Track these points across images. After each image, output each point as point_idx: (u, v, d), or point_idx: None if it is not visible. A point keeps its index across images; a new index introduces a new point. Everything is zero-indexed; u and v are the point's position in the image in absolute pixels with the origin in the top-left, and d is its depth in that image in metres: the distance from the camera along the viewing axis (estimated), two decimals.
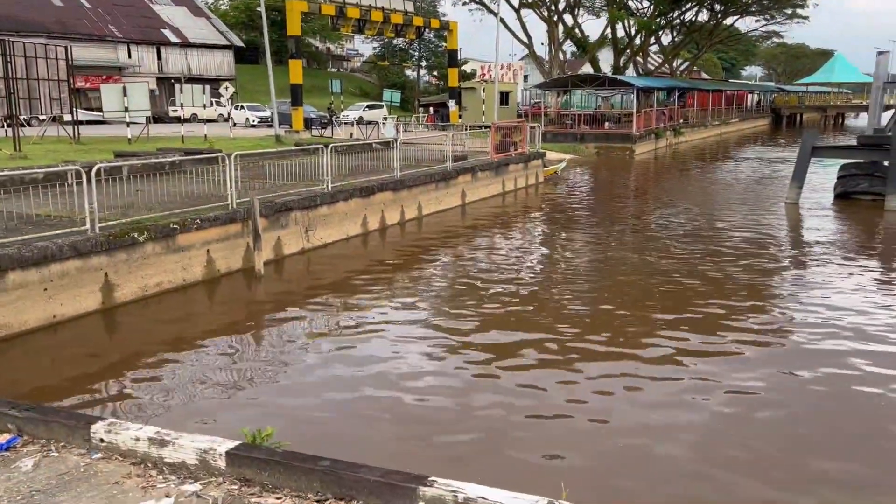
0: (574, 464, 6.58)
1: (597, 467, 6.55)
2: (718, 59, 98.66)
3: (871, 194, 21.00)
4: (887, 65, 42.05)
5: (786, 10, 59.55)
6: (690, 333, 9.99)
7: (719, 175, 31.32)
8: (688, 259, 14.57)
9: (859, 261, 14.46)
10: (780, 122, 73.50)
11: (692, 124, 51.35)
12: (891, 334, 9.90)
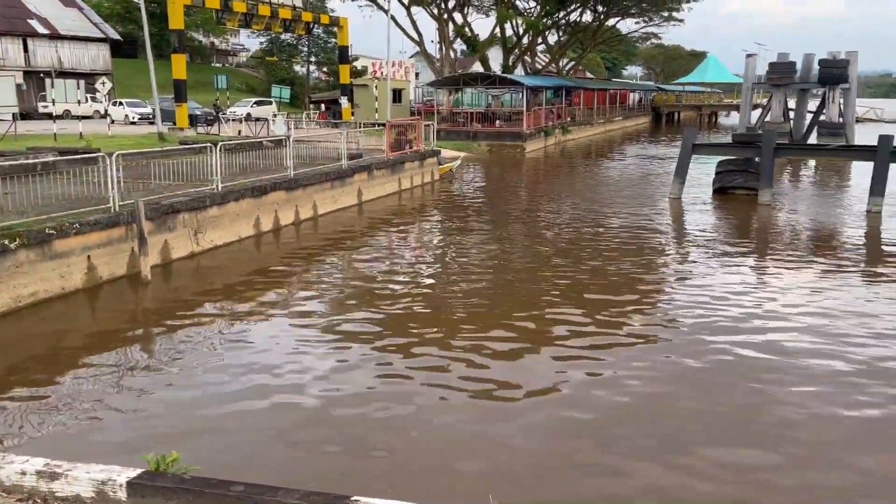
0: (497, 469, 6.56)
1: (521, 472, 6.55)
2: (601, 59, 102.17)
3: (745, 189, 22.25)
4: (755, 66, 44.87)
5: (662, 13, 62.24)
6: (581, 326, 10.27)
7: (606, 171, 32.41)
8: (579, 253, 14.96)
9: (737, 250, 15.29)
10: (660, 120, 76.94)
11: (579, 122, 52.91)
12: (764, 318, 10.50)
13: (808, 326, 10.29)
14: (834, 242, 16.62)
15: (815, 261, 14.39)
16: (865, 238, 17.25)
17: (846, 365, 8.82)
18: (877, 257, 15.43)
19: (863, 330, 10.12)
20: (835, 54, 39.91)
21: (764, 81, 42.67)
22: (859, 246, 16.41)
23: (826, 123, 39.16)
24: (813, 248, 15.90)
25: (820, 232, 17.84)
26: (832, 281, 12.84)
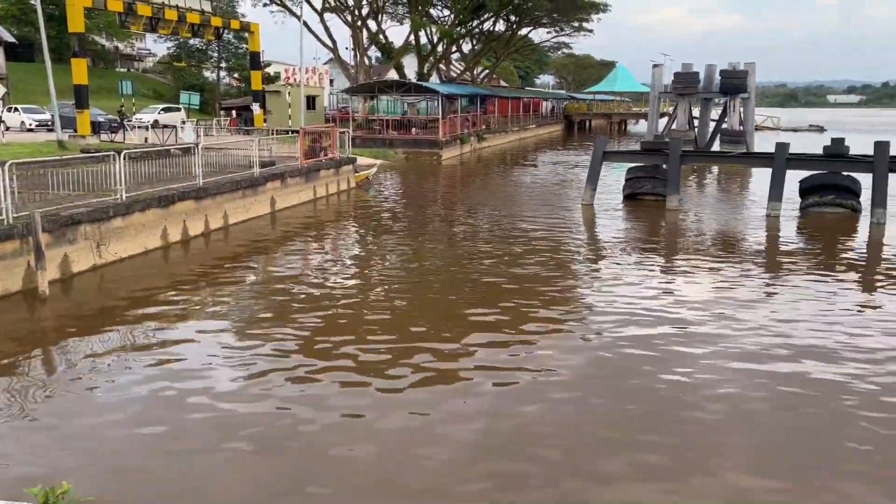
0: (414, 480, 6.47)
1: (444, 482, 6.47)
2: (515, 68, 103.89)
3: (654, 195, 22.96)
4: (662, 76, 46.52)
5: (573, 23, 63.81)
6: (499, 330, 10.32)
7: (521, 178, 32.86)
8: (495, 258, 15.06)
9: (647, 253, 15.74)
10: (573, 127, 78.77)
11: (494, 130, 53.55)
12: (672, 315, 10.82)
13: (714, 321, 10.68)
14: (737, 244, 17.32)
15: (720, 262, 14.95)
16: (765, 240, 18.07)
17: (745, 354, 9.17)
18: (775, 258, 16.15)
19: (765, 321, 10.56)
20: (734, 65, 41.85)
21: (670, 91, 44.31)
22: (760, 247, 17.18)
23: (728, 131, 40.99)
24: (718, 249, 16.53)
25: (724, 235, 18.56)
26: (736, 280, 13.36)
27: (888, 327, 10.68)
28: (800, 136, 60.79)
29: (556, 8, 56.65)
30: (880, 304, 12.23)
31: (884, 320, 11.09)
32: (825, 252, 16.43)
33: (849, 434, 7.33)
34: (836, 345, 9.88)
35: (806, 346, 9.82)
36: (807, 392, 8.37)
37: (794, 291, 12.76)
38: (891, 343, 9.95)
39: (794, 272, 14.28)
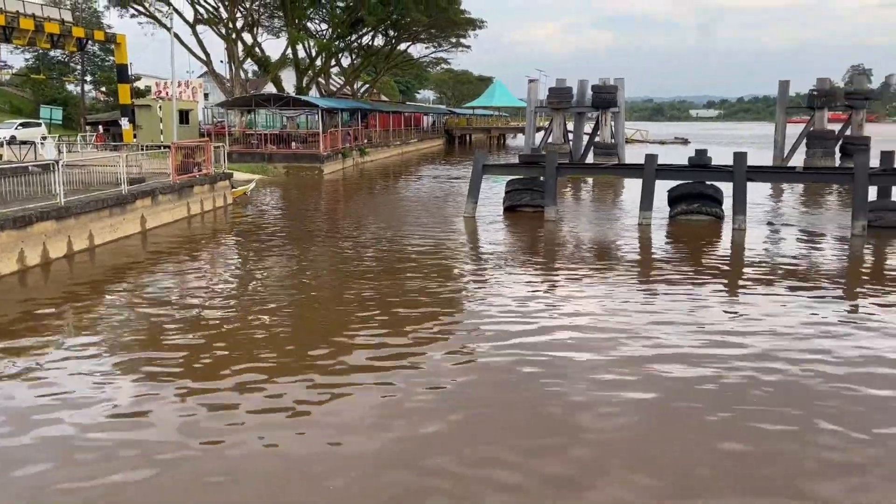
0: None
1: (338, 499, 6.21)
2: (395, 83, 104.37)
3: (532, 206, 23.52)
4: (537, 91, 47.93)
5: (451, 39, 64.83)
6: (384, 342, 10.16)
7: (404, 192, 32.89)
8: (379, 271, 14.91)
9: (527, 263, 16.04)
10: (454, 142, 79.90)
11: (376, 144, 53.47)
12: (553, 322, 11.03)
13: (593, 326, 10.98)
14: (612, 252, 17.96)
15: (597, 269, 15.44)
16: (638, 247, 18.84)
17: (622, 358, 9.45)
18: (648, 263, 16.86)
19: (640, 325, 10.93)
20: (605, 81, 43.67)
21: (545, 105, 45.71)
22: (634, 254, 17.89)
23: (601, 144, 42.69)
24: (594, 257, 17.07)
25: (599, 243, 19.21)
26: (612, 286, 13.81)
27: (753, 326, 11.30)
28: (666, 147, 64.20)
29: (433, 24, 57.38)
30: (745, 303, 12.96)
31: (748, 319, 11.74)
32: (693, 257, 17.30)
33: (725, 434, 7.65)
34: (707, 344, 10.35)
35: (678, 347, 10.23)
36: (683, 391, 8.70)
37: (666, 295, 13.32)
38: (756, 341, 10.53)
39: (666, 277, 14.93)
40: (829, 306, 12.60)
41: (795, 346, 10.31)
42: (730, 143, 70.43)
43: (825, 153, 41.52)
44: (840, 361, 9.71)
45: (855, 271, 16.29)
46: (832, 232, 20.62)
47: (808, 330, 11.14)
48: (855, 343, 10.50)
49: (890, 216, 20.47)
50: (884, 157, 21.81)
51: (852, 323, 11.64)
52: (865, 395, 8.61)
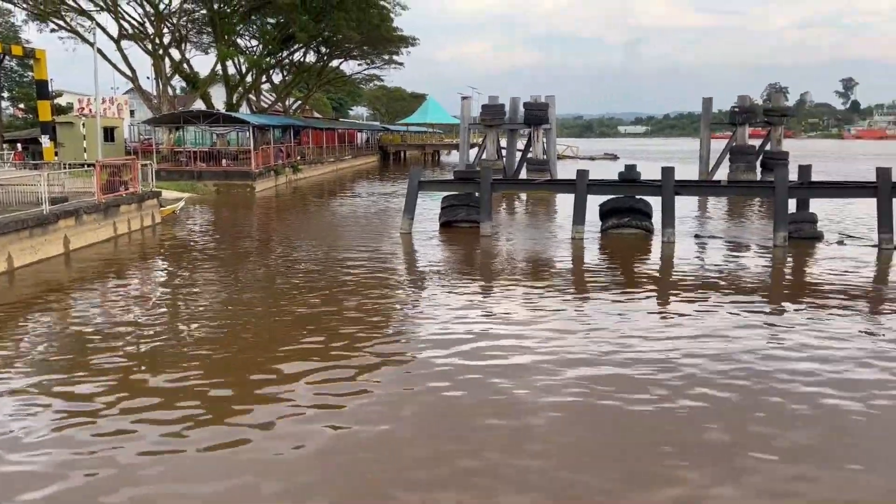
0: None
1: None
2: (328, 99, 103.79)
3: (468, 222, 23.65)
4: (470, 108, 48.38)
5: (384, 56, 64.91)
6: (321, 362, 10.00)
7: (339, 209, 32.63)
8: (314, 290, 14.71)
9: (464, 278, 16.08)
10: (388, 158, 79.88)
11: (309, 161, 52.99)
12: (491, 335, 11.08)
13: (530, 338, 11.05)
14: (547, 266, 18.19)
15: (533, 282, 15.60)
16: (572, 260, 19.14)
17: (564, 364, 9.55)
18: (582, 276, 17.13)
19: (575, 335, 11.07)
20: (536, 98, 44.41)
21: (478, 122, 46.15)
22: (568, 267, 18.16)
23: (533, 160, 43.31)
24: (530, 271, 17.25)
25: (535, 257, 19.42)
26: (548, 298, 13.95)
27: (681, 332, 11.59)
28: (597, 163, 65.64)
29: (365, 41, 57.35)
30: (674, 312, 13.28)
31: (677, 325, 12.04)
32: (625, 269, 17.66)
33: (657, 440, 7.79)
34: (640, 352, 10.55)
35: (612, 354, 10.40)
36: (614, 395, 8.82)
37: (599, 306, 13.55)
38: (684, 345, 10.78)
39: (599, 288, 15.19)
40: (755, 313, 13.02)
41: (722, 351, 10.60)
42: (657, 158, 72.49)
43: (747, 167, 43.12)
44: (763, 365, 10.03)
45: (778, 280, 16.91)
46: (756, 243, 21.37)
47: (736, 336, 11.46)
48: (778, 346, 10.87)
49: (808, 227, 21.36)
50: (801, 172, 22.78)
51: (775, 328, 12.05)
52: (790, 393, 8.89)
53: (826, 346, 10.96)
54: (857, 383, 9.42)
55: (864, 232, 22.33)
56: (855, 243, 20.76)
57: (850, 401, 8.84)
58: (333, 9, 49.92)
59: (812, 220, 21.69)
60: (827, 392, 9.12)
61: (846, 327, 12.12)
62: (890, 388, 9.28)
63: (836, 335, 11.59)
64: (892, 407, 8.73)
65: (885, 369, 9.94)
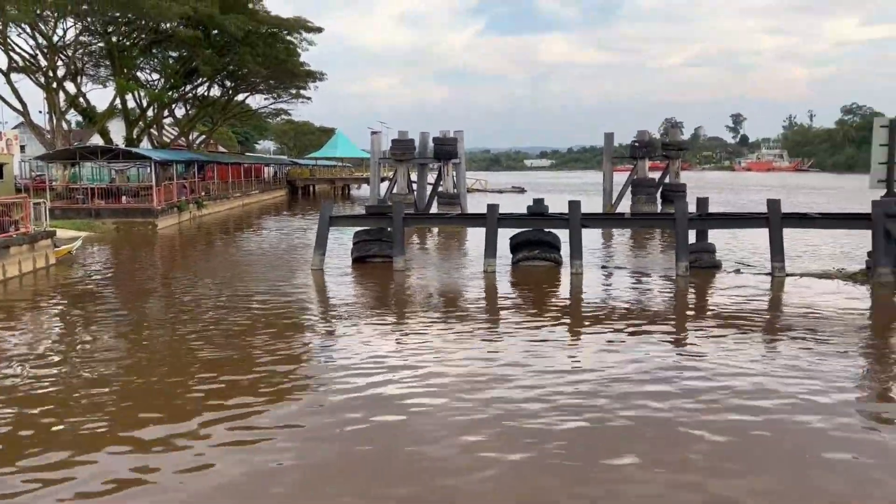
0: None
1: None
2: (234, 133, 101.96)
3: (381, 257, 23.50)
4: (380, 142, 48.49)
5: (291, 91, 64.44)
6: (230, 405, 9.61)
7: (247, 245, 31.86)
8: (221, 330, 14.20)
9: (378, 313, 15.89)
10: (297, 192, 78.83)
11: (215, 197, 51.68)
12: (405, 370, 10.94)
13: (444, 370, 10.98)
14: (460, 299, 18.22)
15: (446, 316, 15.58)
16: (484, 293, 19.25)
17: (481, 402, 9.51)
18: (495, 308, 17.24)
19: (490, 367, 11.08)
20: (445, 133, 44.92)
21: (389, 156, 46.27)
22: (480, 300, 18.24)
23: (444, 194, 43.67)
24: (443, 305, 17.23)
25: (447, 291, 19.45)
26: (462, 332, 13.94)
27: (592, 360, 11.78)
28: (505, 196, 66.81)
29: (272, 75, 56.84)
30: (583, 341, 13.53)
31: (586, 355, 12.24)
32: (536, 300, 17.91)
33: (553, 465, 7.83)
34: (553, 381, 10.64)
35: (528, 386, 10.45)
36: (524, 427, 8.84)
37: (512, 337, 13.65)
38: (595, 372, 10.95)
39: (512, 320, 15.32)
40: (660, 341, 13.41)
41: (629, 378, 10.83)
42: (563, 190, 74.53)
43: (648, 199, 44.79)
44: (668, 391, 10.29)
45: (681, 308, 17.52)
46: (659, 273, 22.12)
47: (644, 361, 11.75)
48: (684, 369, 11.20)
49: (707, 257, 22.30)
50: (699, 203, 23.82)
51: (681, 352, 12.44)
52: (690, 422, 9.14)
53: (729, 368, 11.36)
54: (754, 403, 9.78)
55: (759, 260, 23.48)
56: (750, 271, 21.79)
57: (749, 414, 9.19)
58: (239, 43, 49.34)
59: (711, 249, 22.67)
60: (730, 407, 9.43)
61: (745, 350, 12.67)
62: (781, 402, 9.67)
63: (737, 358, 12.07)
64: (787, 420, 9.10)
65: (778, 391, 10.37)
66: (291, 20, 54.36)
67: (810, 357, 12.27)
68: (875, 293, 18.36)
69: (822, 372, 11.38)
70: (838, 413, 9.63)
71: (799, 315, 15.90)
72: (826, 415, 9.54)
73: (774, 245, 20.75)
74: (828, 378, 11.09)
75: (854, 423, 9.36)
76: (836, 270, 21.20)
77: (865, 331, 14.84)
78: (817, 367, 11.67)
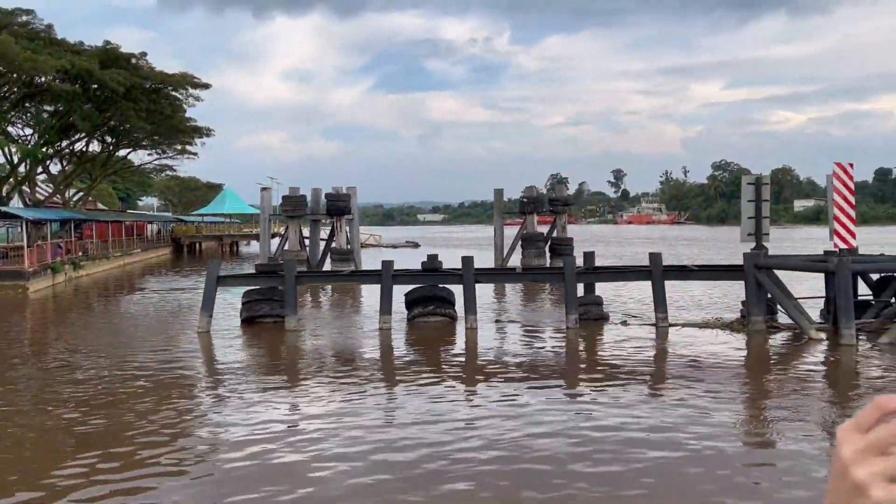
0: None
1: None
2: (115, 190, 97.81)
3: (272, 317, 22.83)
4: (271, 198, 47.77)
5: (176, 147, 62.72)
6: (106, 480, 8.92)
7: (128, 308, 30.28)
8: (99, 400, 13.28)
9: (269, 377, 15.34)
10: (182, 250, 76.10)
11: (93, 257, 49.09)
12: (298, 435, 10.55)
13: (340, 433, 10.66)
14: (355, 358, 17.90)
15: (341, 376, 15.22)
16: (380, 352, 19.02)
17: (376, 467, 9.25)
18: (391, 366, 17.04)
19: (384, 427, 10.84)
20: (338, 189, 44.83)
21: (279, 213, 45.60)
22: (376, 359, 18.00)
23: (337, 250, 43.34)
24: (338, 365, 16.86)
25: (342, 351, 19.09)
26: (357, 392, 13.64)
27: (486, 417, 11.76)
28: (399, 251, 66.96)
29: (156, 131, 55.21)
30: (480, 396, 13.54)
31: (480, 411, 12.22)
32: (431, 358, 17.83)
33: None
34: (451, 436, 10.54)
35: (424, 444, 10.29)
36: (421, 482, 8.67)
37: (407, 395, 13.50)
38: (494, 429, 10.93)
39: (408, 378, 15.15)
40: (553, 393, 13.62)
41: (525, 431, 10.87)
42: (456, 245, 75.51)
43: (537, 253, 46.03)
44: (561, 442, 10.41)
45: (573, 360, 17.92)
46: (550, 325, 22.59)
47: (537, 412, 11.87)
48: (577, 421, 11.36)
49: (595, 309, 23.00)
50: (586, 257, 24.65)
51: (572, 406, 12.64)
52: (581, 472, 9.24)
53: (618, 417, 11.61)
54: (641, 452, 10.01)
55: (644, 311, 24.42)
56: (636, 322, 22.60)
57: (637, 463, 9.37)
58: (121, 98, 47.72)
59: (598, 302, 23.40)
60: (620, 457, 9.60)
61: (633, 399, 13.05)
62: (668, 451, 9.94)
63: (625, 407, 12.40)
64: (672, 468, 9.35)
65: (666, 439, 10.68)
66: (177, 76, 53.24)
67: (696, 404, 12.73)
68: (750, 341, 19.40)
69: (707, 420, 11.82)
70: (722, 459, 9.98)
71: (683, 364, 16.54)
72: (711, 461, 9.87)
73: (657, 297, 21.64)
74: (713, 424, 11.53)
75: (738, 468, 9.72)
76: (715, 320, 22.30)
77: (744, 378, 15.60)
78: (702, 414, 12.12)
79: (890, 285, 21.20)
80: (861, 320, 19.46)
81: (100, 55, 47.24)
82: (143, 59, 50.87)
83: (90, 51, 47.96)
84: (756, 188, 22.11)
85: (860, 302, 20.89)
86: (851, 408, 12.83)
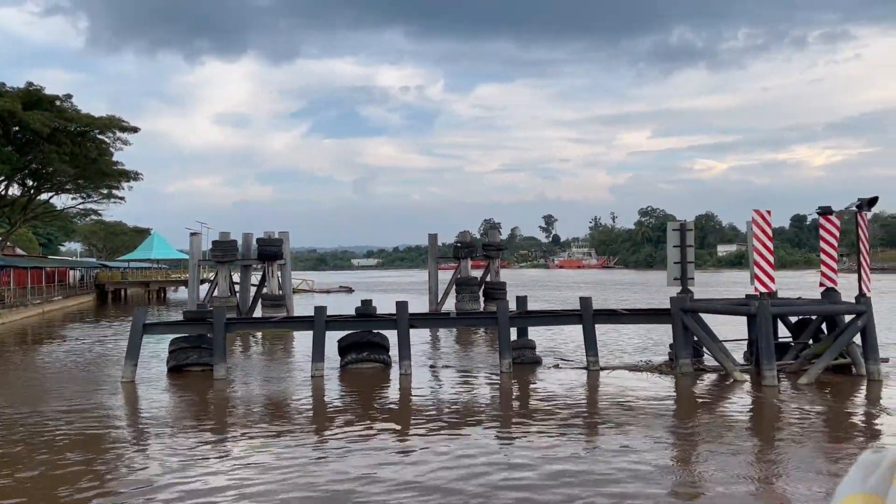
0: None
1: None
2: (35, 234, 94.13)
3: (201, 365, 22.21)
4: (200, 244, 46.80)
5: (102, 191, 61.07)
6: None
7: (47, 359, 28.92)
8: (10, 465, 12.57)
9: (196, 428, 14.85)
10: (106, 297, 73.52)
11: (10, 305, 46.98)
12: (230, 489, 10.21)
13: (269, 484, 10.33)
14: (286, 407, 17.52)
15: (272, 426, 14.86)
16: (312, 400, 18.67)
17: None
18: (323, 415, 16.73)
19: (314, 478, 10.59)
20: (270, 234, 44.27)
21: (209, 258, 44.66)
22: (308, 407, 17.65)
23: (269, 296, 42.59)
24: (269, 415, 16.46)
25: (273, 399, 18.66)
26: (289, 442, 13.32)
27: (420, 463, 11.65)
28: (333, 296, 66.31)
29: (81, 174, 53.72)
30: (414, 444, 13.41)
31: (414, 457, 12.11)
32: (365, 404, 17.60)
33: None
34: (382, 488, 10.37)
35: (357, 493, 10.11)
36: None
37: (338, 444, 13.26)
38: (431, 475, 10.81)
39: (339, 426, 14.91)
40: (487, 438, 13.58)
41: (459, 477, 10.81)
42: (391, 289, 75.25)
43: (472, 297, 46.23)
44: (495, 486, 10.37)
45: (506, 404, 17.96)
46: (484, 370, 22.63)
47: (471, 460, 11.79)
48: (512, 471, 11.35)
49: (529, 353, 23.21)
50: (519, 302, 24.93)
51: (506, 447, 12.64)
52: None
53: (551, 460, 11.66)
54: (574, 491, 10.07)
55: (576, 354, 24.74)
56: (569, 365, 22.86)
57: None
58: (43, 141, 46.37)
59: (531, 346, 23.62)
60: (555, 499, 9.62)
61: (565, 442, 13.13)
62: (600, 491, 10.03)
63: (558, 449, 12.46)
64: None
65: (598, 481, 10.78)
66: (105, 119, 52.15)
67: (625, 445, 12.91)
68: (678, 383, 19.84)
69: (636, 460, 11.99)
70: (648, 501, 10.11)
71: (613, 406, 16.78)
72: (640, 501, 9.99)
73: (588, 340, 22.00)
74: (642, 462, 11.69)
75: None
76: (644, 363, 22.76)
77: (672, 419, 15.91)
78: (632, 455, 12.28)
79: (808, 327, 22.12)
80: (782, 361, 20.19)
81: (22, 96, 45.99)
82: (68, 101, 49.76)
83: (12, 92, 46.62)
84: (681, 234, 22.87)
85: (780, 344, 21.68)
86: (776, 448, 13.23)
